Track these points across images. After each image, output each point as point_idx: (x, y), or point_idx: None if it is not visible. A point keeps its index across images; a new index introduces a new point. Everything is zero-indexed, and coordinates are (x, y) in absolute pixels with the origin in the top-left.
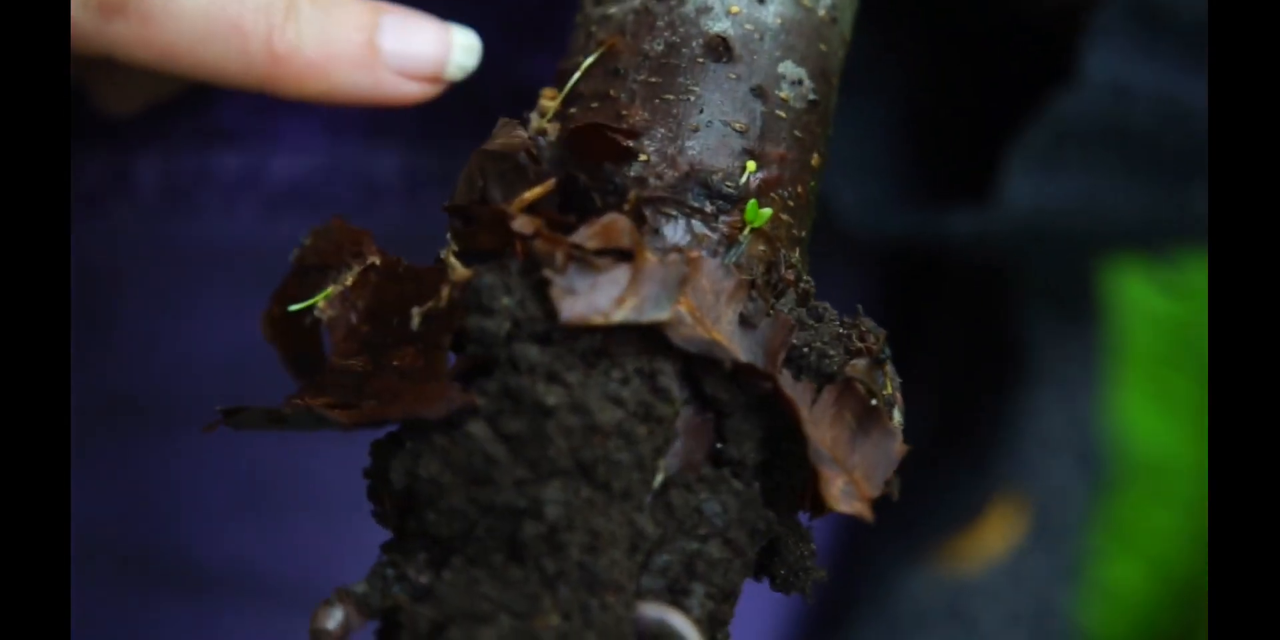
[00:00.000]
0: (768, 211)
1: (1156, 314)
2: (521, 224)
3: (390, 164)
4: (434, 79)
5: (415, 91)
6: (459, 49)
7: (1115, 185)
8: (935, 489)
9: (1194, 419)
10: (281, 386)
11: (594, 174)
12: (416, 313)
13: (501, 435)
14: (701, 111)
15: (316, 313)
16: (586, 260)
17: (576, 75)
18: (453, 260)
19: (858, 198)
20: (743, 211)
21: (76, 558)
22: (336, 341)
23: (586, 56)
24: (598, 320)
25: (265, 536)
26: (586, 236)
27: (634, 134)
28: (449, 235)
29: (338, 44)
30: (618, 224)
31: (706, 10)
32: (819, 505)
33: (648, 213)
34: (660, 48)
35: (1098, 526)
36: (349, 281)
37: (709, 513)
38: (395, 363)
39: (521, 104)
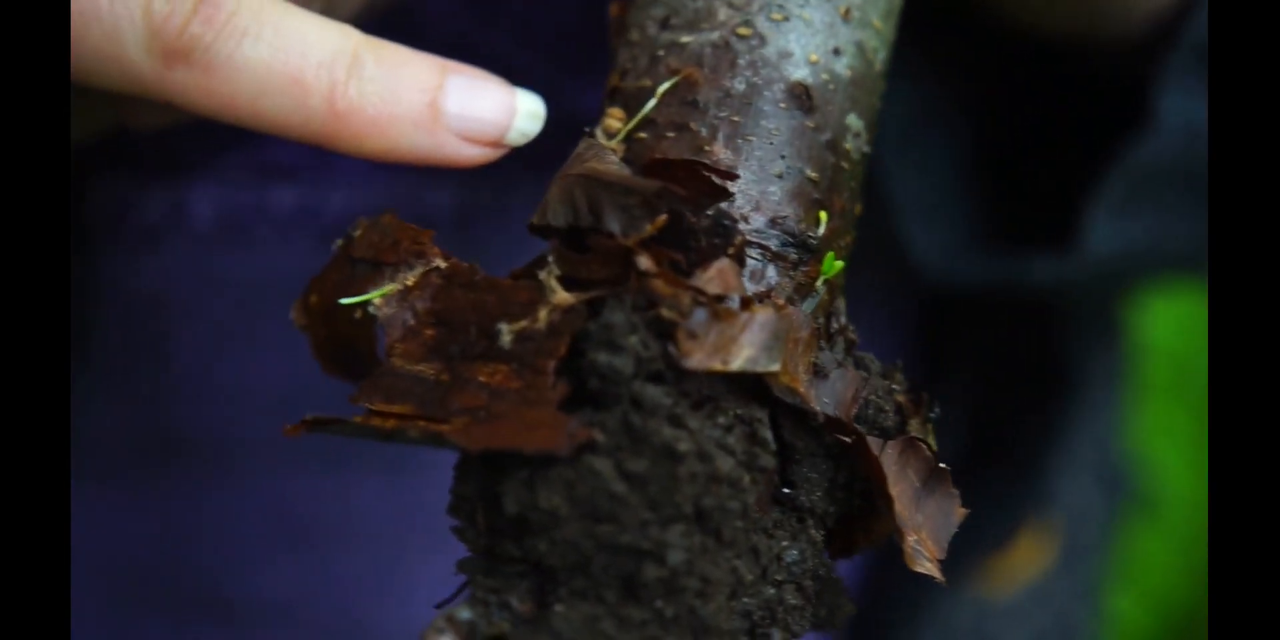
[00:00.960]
0: (840, 263)
1: (1163, 347)
2: (645, 262)
3: (444, 199)
4: (495, 144)
5: (476, 155)
6: (523, 115)
7: (1180, 221)
8: (970, 512)
9: (1193, 453)
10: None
11: (697, 212)
12: (507, 330)
13: (623, 473)
14: (784, 158)
15: (371, 309)
16: (712, 307)
17: (652, 102)
18: (554, 283)
19: (932, 245)
20: (819, 261)
21: (114, 588)
22: (394, 341)
23: (656, 82)
24: (717, 367)
25: (303, 572)
26: (706, 280)
27: (732, 175)
28: (550, 257)
29: (400, 104)
30: (732, 269)
31: (788, 55)
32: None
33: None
34: (742, 87)
35: (1117, 549)
36: (410, 281)
37: (789, 560)
38: (482, 378)
39: (573, 135)
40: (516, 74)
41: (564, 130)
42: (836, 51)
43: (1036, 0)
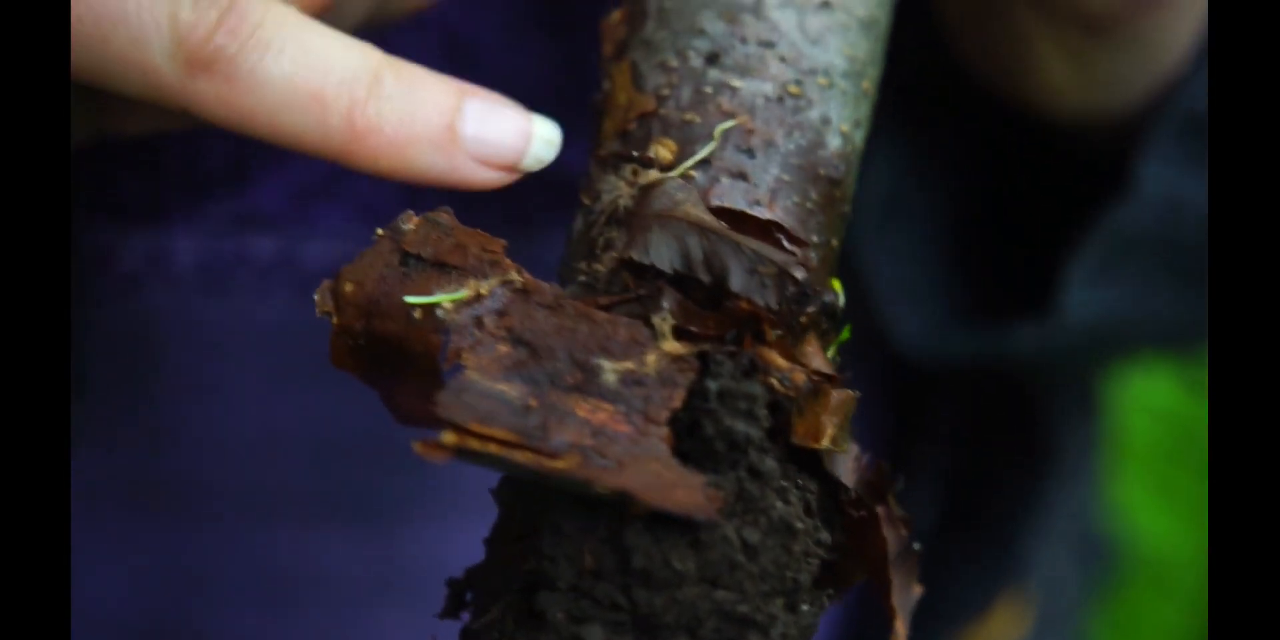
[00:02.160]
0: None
1: (1159, 410)
2: (770, 333)
3: None
4: (511, 168)
5: (491, 179)
6: (539, 142)
7: (1159, 292)
8: (947, 580)
9: (1197, 514)
10: (311, 474)
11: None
12: (610, 368)
13: (742, 542)
14: (820, 226)
15: (440, 313)
16: (818, 386)
17: (712, 145)
18: (668, 330)
19: (913, 325)
20: (839, 331)
21: (88, 634)
22: (461, 350)
23: (704, 119)
24: (810, 443)
25: (276, 626)
26: (809, 356)
27: (803, 242)
28: (664, 302)
29: (418, 126)
30: (819, 345)
31: (827, 122)
32: None
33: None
34: (791, 147)
35: (1093, 615)
36: (484, 290)
37: (805, 623)
38: (582, 413)
39: (554, 192)
40: None
41: (551, 190)
42: (857, 124)
43: (1035, 75)
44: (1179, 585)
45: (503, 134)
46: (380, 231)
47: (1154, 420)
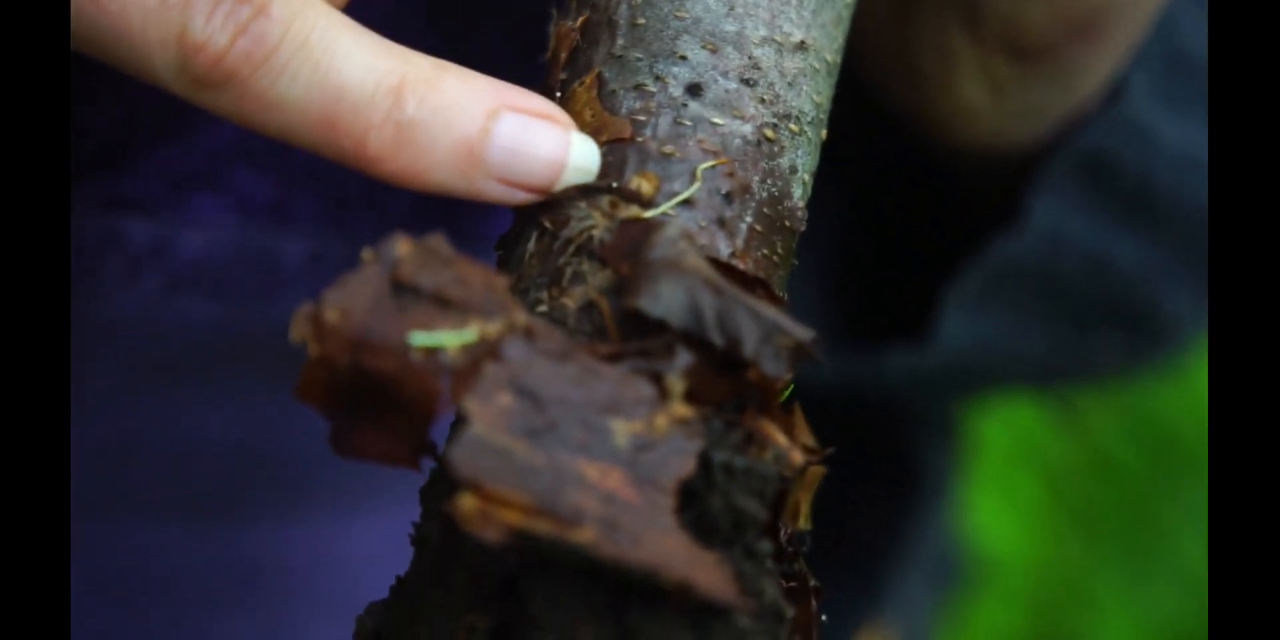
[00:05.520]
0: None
1: (1009, 418)
2: (775, 410)
3: (296, 246)
4: (538, 193)
5: (516, 199)
6: (572, 171)
7: (1032, 326)
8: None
9: (1036, 516)
10: (160, 476)
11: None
12: (621, 430)
13: (739, 628)
14: (780, 281)
15: (443, 356)
16: (812, 465)
17: (696, 186)
18: (679, 392)
19: None
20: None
21: None
22: (462, 400)
23: (683, 154)
24: (792, 524)
25: (117, 628)
26: (801, 431)
27: (782, 303)
28: (679, 361)
29: (437, 151)
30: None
31: (794, 171)
32: None
33: None
34: (764, 195)
35: (941, 630)
36: (492, 333)
37: None
38: (591, 478)
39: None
40: None
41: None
42: (813, 175)
43: (950, 98)
44: (1016, 587)
45: (534, 161)
46: (367, 255)
47: (1003, 427)
